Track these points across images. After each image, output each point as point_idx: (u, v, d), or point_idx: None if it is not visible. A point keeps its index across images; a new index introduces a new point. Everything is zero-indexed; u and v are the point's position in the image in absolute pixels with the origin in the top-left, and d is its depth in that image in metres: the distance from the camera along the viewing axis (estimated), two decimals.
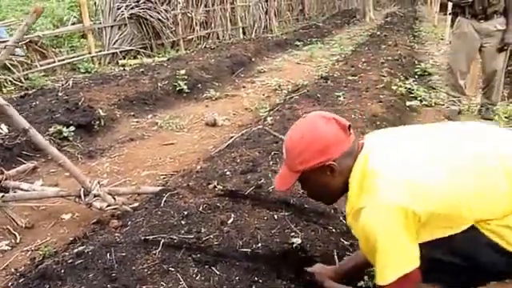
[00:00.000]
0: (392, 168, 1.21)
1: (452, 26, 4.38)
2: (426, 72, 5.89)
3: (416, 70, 5.90)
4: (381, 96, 4.26)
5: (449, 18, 6.92)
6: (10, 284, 1.79)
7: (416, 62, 6.48)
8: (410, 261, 1.16)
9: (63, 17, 8.62)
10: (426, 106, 4.51)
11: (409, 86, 4.86)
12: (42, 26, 7.58)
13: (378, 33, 9.22)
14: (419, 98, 4.59)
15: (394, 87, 4.63)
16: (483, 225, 1.18)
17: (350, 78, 5.12)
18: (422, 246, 1.18)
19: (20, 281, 1.70)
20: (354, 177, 1.26)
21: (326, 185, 1.30)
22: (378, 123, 3.53)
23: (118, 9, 7.31)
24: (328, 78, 5.16)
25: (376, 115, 3.70)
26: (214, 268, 1.65)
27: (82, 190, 2.32)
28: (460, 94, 4.19)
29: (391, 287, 1.17)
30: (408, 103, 4.43)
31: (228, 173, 2.50)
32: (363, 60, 6.15)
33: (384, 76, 5.08)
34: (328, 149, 1.24)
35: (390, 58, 6.22)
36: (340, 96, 4.24)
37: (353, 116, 3.59)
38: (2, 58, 2.47)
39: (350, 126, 1.29)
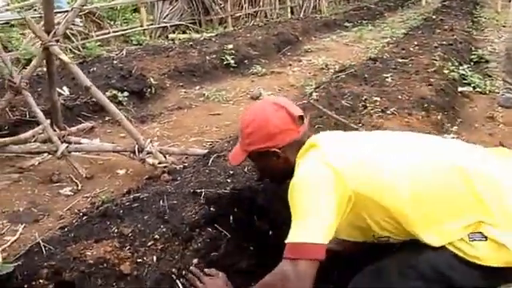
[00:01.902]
0: (337, 145, 1.25)
1: None
2: (483, 59, 5.59)
3: (472, 57, 5.62)
4: (431, 80, 4.13)
5: None
6: (74, 221, 2.01)
7: (473, 48, 6.17)
8: (315, 232, 1.10)
9: None
10: (480, 93, 4.32)
11: (462, 72, 4.66)
12: None
13: (434, 17, 8.75)
14: (473, 85, 4.40)
15: (446, 71, 4.47)
16: (452, 242, 1.13)
17: (399, 60, 4.97)
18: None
19: (83, 218, 1.90)
20: (299, 158, 1.28)
21: (271, 168, 1.36)
22: (426, 105, 3.45)
23: None
24: (377, 60, 5.05)
25: (424, 98, 3.61)
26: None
27: (137, 146, 2.51)
28: None
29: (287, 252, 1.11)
30: (460, 89, 4.27)
31: None
32: (415, 43, 5.92)
33: (436, 60, 4.89)
34: (274, 136, 1.28)
35: (444, 42, 5.93)
36: (388, 77, 4.16)
37: (399, 97, 3.53)
38: (69, 19, 2.67)
39: (301, 116, 1.31)
